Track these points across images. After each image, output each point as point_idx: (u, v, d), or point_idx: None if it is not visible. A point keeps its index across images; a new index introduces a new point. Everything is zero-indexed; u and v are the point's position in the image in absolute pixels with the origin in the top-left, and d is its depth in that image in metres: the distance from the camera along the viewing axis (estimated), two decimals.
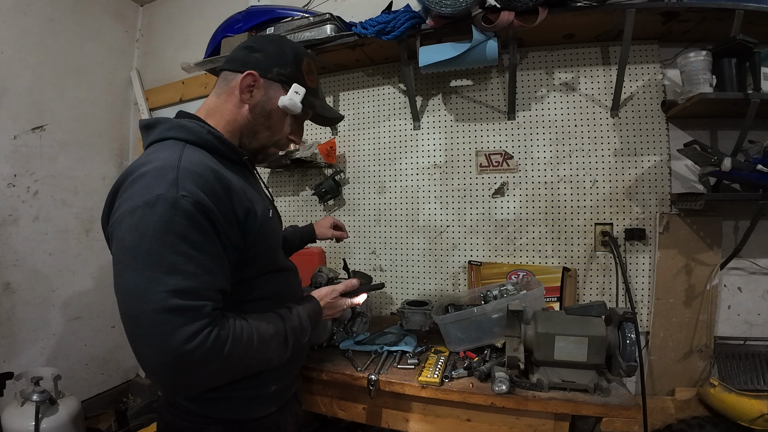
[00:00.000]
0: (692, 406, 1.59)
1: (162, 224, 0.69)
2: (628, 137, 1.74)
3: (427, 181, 2.01)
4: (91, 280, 2.44)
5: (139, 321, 0.68)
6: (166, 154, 0.78)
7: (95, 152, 2.52)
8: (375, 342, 1.49)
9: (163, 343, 0.67)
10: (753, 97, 1.36)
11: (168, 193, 0.71)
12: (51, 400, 1.75)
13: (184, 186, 0.72)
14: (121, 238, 0.70)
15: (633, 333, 1.11)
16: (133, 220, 0.70)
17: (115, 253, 0.72)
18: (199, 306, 0.70)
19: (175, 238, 0.70)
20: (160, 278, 0.68)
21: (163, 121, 0.87)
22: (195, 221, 0.72)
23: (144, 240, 0.69)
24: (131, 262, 0.69)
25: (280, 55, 0.94)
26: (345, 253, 2.14)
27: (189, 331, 0.68)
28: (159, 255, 0.68)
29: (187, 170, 0.75)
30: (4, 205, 2.06)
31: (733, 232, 1.64)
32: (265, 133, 0.96)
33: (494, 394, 1.14)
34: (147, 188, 0.72)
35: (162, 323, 0.67)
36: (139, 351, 0.69)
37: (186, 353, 0.67)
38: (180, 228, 0.70)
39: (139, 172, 0.75)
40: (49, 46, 2.26)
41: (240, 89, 0.90)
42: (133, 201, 0.71)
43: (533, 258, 1.85)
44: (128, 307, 0.69)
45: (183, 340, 0.67)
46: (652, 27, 1.60)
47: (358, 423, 1.39)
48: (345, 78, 2.16)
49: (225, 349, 0.72)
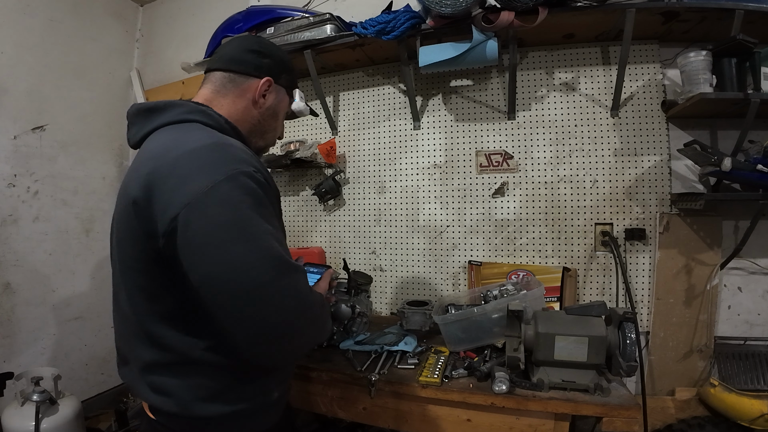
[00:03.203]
0: (692, 406, 1.59)
1: (251, 195, 0.69)
2: (628, 137, 1.74)
3: (427, 181, 2.01)
4: (91, 280, 2.44)
5: (266, 288, 0.67)
6: (204, 134, 0.77)
7: (95, 152, 2.52)
8: (375, 342, 1.49)
9: (300, 298, 0.71)
10: (753, 97, 1.36)
11: (241, 167, 0.70)
12: (51, 400, 1.75)
13: (249, 161, 0.73)
14: (212, 216, 0.66)
15: (633, 333, 1.11)
16: (218, 195, 0.66)
17: (206, 232, 0.66)
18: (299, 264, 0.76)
19: (263, 208, 0.72)
20: (271, 244, 0.69)
21: (178, 103, 0.84)
22: (268, 194, 0.75)
23: (241, 212, 0.67)
24: (237, 235, 0.66)
25: (285, 61, 1.02)
26: (345, 253, 2.14)
27: (305, 283, 0.75)
28: (260, 224, 0.69)
29: (242, 149, 0.76)
30: (4, 205, 2.06)
31: (733, 232, 1.64)
32: (271, 133, 1.03)
33: (494, 394, 1.14)
34: (213, 164, 0.69)
35: (291, 284, 0.70)
36: (265, 317, 0.67)
37: (318, 302, 0.76)
38: (262, 199, 0.72)
39: (182, 150, 0.71)
40: (50, 46, 2.26)
41: (258, 94, 0.94)
42: (207, 177, 0.67)
43: (533, 258, 1.85)
44: (246, 279, 0.66)
45: (309, 291, 0.74)
46: (652, 27, 1.60)
47: (358, 423, 1.39)
48: (345, 78, 2.16)
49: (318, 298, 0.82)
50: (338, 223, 2.17)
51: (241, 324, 0.68)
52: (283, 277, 0.68)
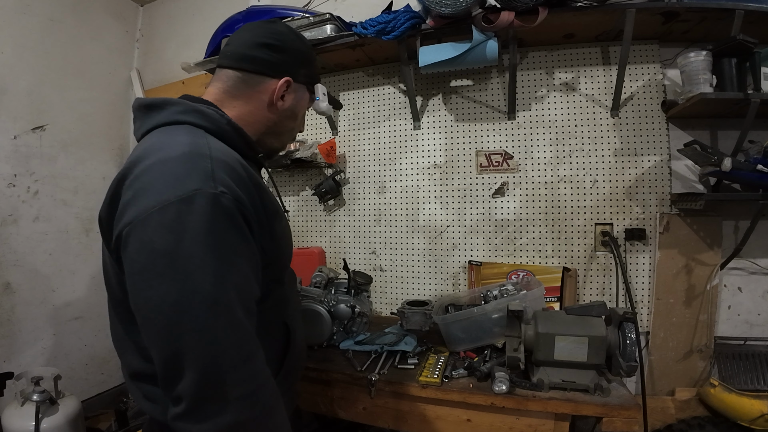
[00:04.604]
0: (692, 406, 1.59)
1: (204, 225, 0.59)
2: (628, 137, 1.74)
3: (427, 181, 2.01)
4: (91, 280, 2.44)
5: (183, 338, 0.58)
6: (188, 140, 0.68)
7: (95, 152, 2.52)
8: (375, 342, 1.49)
9: (213, 364, 0.58)
10: (753, 97, 1.36)
11: (206, 187, 0.61)
12: (51, 400, 1.75)
13: (220, 179, 0.63)
14: (149, 240, 0.59)
15: (633, 333, 1.11)
16: (164, 218, 0.58)
17: (136, 258, 0.60)
18: (249, 337, 0.64)
19: (218, 241, 0.61)
20: (205, 289, 0.59)
21: (174, 102, 0.76)
22: (235, 222, 0.64)
23: (182, 244, 0.58)
24: (167, 270, 0.58)
25: (303, 52, 0.91)
26: (345, 253, 2.14)
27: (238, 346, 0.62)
28: (202, 262, 0.59)
29: (220, 161, 0.66)
30: (4, 205, 2.05)
31: (733, 232, 1.64)
32: (288, 134, 0.95)
33: (494, 394, 1.14)
34: (176, 179, 0.61)
35: (211, 342, 0.59)
36: (177, 371, 0.59)
37: (237, 369, 0.60)
38: (222, 230, 0.61)
39: (155, 158, 0.64)
40: (49, 46, 2.26)
41: (276, 96, 0.85)
42: (159, 195, 0.60)
43: (533, 258, 1.85)
44: (166, 322, 0.59)
45: (234, 355, 0.60)
46: (652, 27, 1.60)
47: (358, 423, 1.39)
48: (345, 78, 2.16)
49: (265, 379, 0.66)
50: (338, 223, 2.17)
51: (159, 362, 0.61)
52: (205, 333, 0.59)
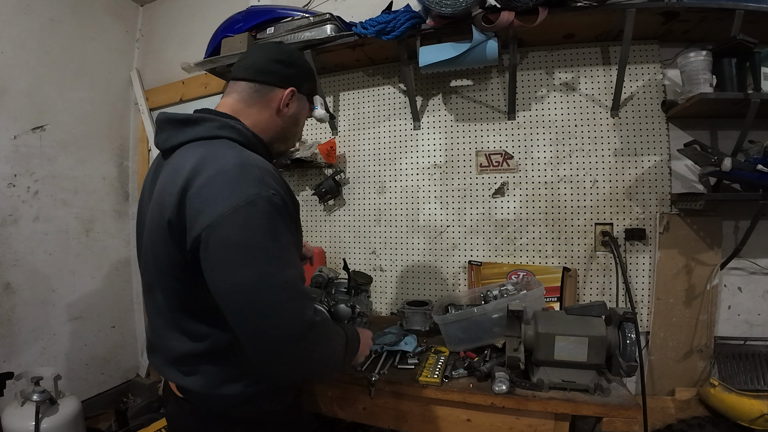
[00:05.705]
0: (692, 406, 1.59)
1: (267, 221, 0.76)
2: (628, 137, 1.74)
3: (427, 181, 2.01)
4: (91, 280, 2.44)
5: (266, 311, 0.74)
6: (235, 152, 0.83)
7: (95, 152, 2.52)
8: (375, 342, 1.48)
9: (297, 318, 0.75)
10: (753, 97, 1.36)
11: (262, 191, 0.76)
12: (51, 400, 1.75)
13: (269, 183, 0.79)
14: (227, 237, 0.74)
15: (633, 333, 1.11)
16: (237, 219, 0.74)
17: (219, 253, 0.75)
18: (310, 291, 0.81)
19: (278, 233, 0.77)
20: (277, 270, 0.75)
21: (209, 118, 0.90)
22: (285, 217, 0.80)
23: (255, 237, 0.74)
24: (245, 258, 0.74)
25: (308, 69, 1.07)
26: (345, 253, 2.14)
27: (312, 309, 0.80)
28: (271, 249, 0.76)
29: (263, 168, 0.81)
30: (4, 205, 2.06)
31: (733, 232, 1.64)
32: (292, 138, 1.09)
33: (494, 394, 1.14)
34: (238, 187, 0.76)
35: (291, 308, 0.75)
36: (265, 334, 0.74)
37: (316, 324, 0.78)
38: (278, 224, 0.78)
39: (213, 170, 0.78)
40: (49, 46, 2.26)
41: (282, 103, 0.99)
42: (228, 200, 0.75)
43: (533, 258, 1.85)
44: (250, 300, 0.73)
45: (312, 314, 0.79)
46: (652, 27, 1.60)
47: (358, 423, 1.39)
48: (345, 78, 2.16)
49: (330, 331, 0.86)
50: (338, 223, 2.17)
51: (246, 337, 0.76)
52: (287, 302, 0.75)
